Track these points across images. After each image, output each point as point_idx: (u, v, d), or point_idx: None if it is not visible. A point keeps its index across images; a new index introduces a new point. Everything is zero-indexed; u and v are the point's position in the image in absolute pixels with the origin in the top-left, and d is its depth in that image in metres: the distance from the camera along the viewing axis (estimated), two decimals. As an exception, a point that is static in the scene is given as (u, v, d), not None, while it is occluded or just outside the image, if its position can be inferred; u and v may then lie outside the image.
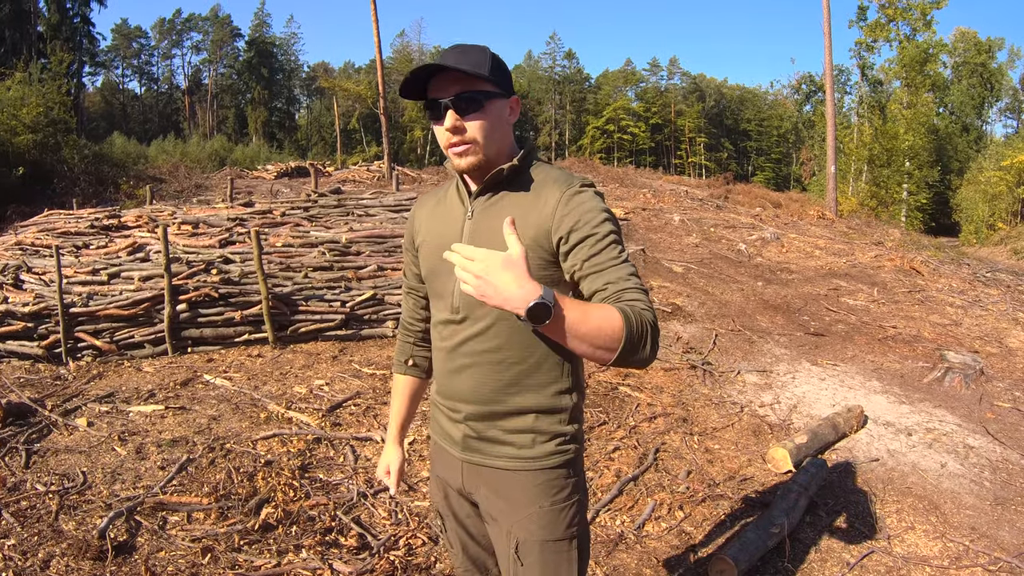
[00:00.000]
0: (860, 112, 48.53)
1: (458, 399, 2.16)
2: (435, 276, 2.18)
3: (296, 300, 8.73)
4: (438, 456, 2.36)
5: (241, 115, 77.97)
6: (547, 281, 1.92)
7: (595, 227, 1.93)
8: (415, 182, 27.93)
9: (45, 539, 4.09)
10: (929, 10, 42.93)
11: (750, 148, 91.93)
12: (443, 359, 2.19)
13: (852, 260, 16.26)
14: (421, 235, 2.26)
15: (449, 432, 2.24)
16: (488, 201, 2.08)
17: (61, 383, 7.14)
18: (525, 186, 2.06)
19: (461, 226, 2.11)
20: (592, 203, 1.97)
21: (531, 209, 2.00)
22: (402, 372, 2.56)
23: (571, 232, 1.93)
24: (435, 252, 2.11)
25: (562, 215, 1.95)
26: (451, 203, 2.20)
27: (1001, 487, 5.48)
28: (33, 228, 11.99)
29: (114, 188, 27.06)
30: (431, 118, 2.05)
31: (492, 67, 2.00)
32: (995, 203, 41.60)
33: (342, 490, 4.93)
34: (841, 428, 6.25)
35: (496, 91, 2.01)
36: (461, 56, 1.99)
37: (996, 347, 9.63)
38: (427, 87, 2.03)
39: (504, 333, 2.05)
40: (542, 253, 1.98)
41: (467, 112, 1.97)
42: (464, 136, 1.99)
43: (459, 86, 1.96)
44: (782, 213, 27.23)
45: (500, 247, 1.81)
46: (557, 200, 1.97)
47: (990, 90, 64.15)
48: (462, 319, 2.10)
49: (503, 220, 1.83)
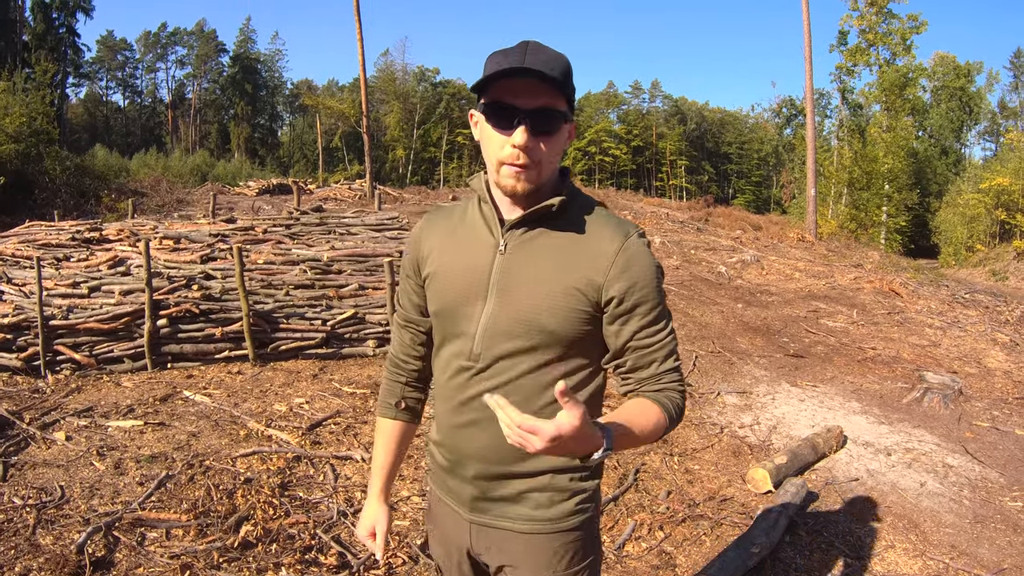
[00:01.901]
0: (840, 135, 48.86)
1: (466, 456, 1.92)
2: (450, 315, 1.90)
3: (277, 318, 8.71)
4: (440, 511, 2.09)
5: (224, 130, 77.73)
6: (582, 338, 1.81)
7: (649, 293, 1.78)
8: (396, 201, 27.94)
9: (22, 553, 4.05)
10: (909, 35, 43.43)
11: (730, 171, 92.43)
12: (451, 410, 1.93)
13: (832, 282, 16.36)
14: (432, 264, 1.95)
15: (453, 489, 1.99)
16: (524, 236, 1.82)
17: (39, 396, 7.08)
18: (571, 225, 1.82)
19: (491, 262, 1.83)
20: (647, 260, 1.79)
21: (578, 255, 1.78)
22: (391, 416, 2.19)
23: (625, 295, 1.76)
24: (452, 287, 1.88)
25: (619, 272, 1.76)
26: (475, 230, 1.90)
27: (980, 505, 5.52)
28: (13, 239, 11.89)
29: (95, 201, 26.92)
30: (493, 123, 1.74)
31: (570, 81, 1.75)
32: (973, 225, 41.98)
33: (322, 508, 4.91)
34: (821, 448, 6.28)
35: (567, 113, 1.76)
36: (548, 61, 1.68)
37: (975, 368, 9.71)
38: (492, 82, 1.71)
39: (529, 387, 1.81)
40: (585, 306, 1.77)
41: (542, 132, 1.71)
42: (532, 157, 1.72)
43: (544, 99, 1.70)
44: (762, 236, 27.37)
45: (533, 292, 1.76)
46: (614, 253, 1.77)
47: (968, 113, 64.81)
48: (482, 368, 1.84)
49: (541, 262, 1.77)
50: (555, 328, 1.77)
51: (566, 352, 1.81)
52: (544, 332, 1.78)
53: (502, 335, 1.80)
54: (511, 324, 1.79)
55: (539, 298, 1.77)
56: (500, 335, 1.81)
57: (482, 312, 1.83)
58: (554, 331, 1.77)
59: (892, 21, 43.88)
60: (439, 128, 70.01)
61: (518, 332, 1.79)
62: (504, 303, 1.80)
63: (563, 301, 1.76)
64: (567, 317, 1.77)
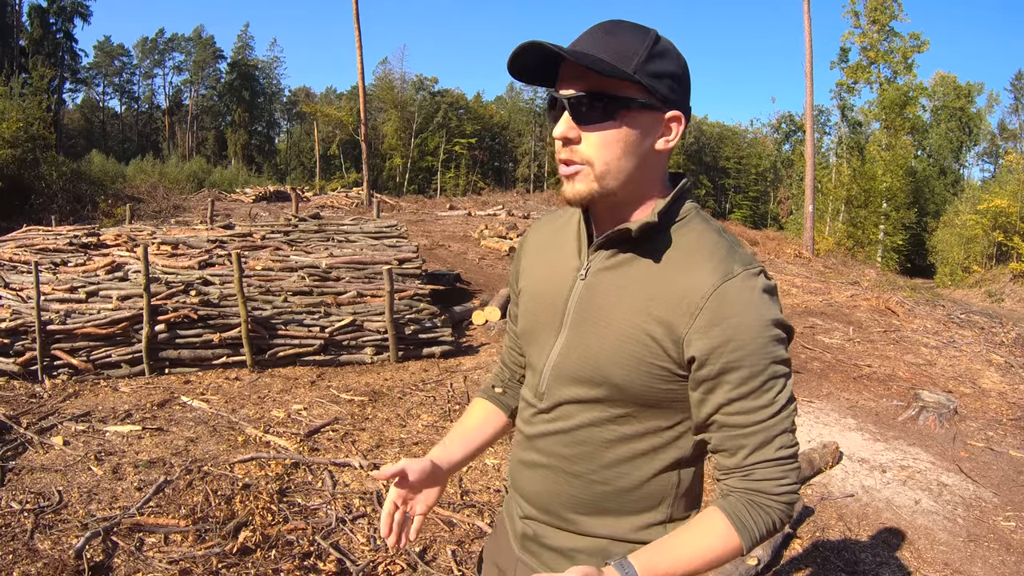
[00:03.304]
0: (839, 153, 48.91)
1: (521, 495, 1.69)
2: (529, 338, 1.68)
3: (275, 324, 8.72)
4: (500, 534, 1.84)
5: (221, 137, 77.65)
6: (662, 399, 1.46)
7: (748, 355, 1.36)
8: (393, 209, 27.99)
9: (20, 558, 4.04)
10: (910, 54, 43.48)
11: (728, 185, 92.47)
12: (519, 443, 1.72)
13: (828, 299, 16.38)
14: (526, 278, 1.72)
15: (512, 519, 1.75)
16: (610, 260, 1.50)
17: (37, 401, 7.08)
18: (662, 251, 1.45)
19: (571, 286, 1.56)
20: (753, 310, 1.36)
21: (663, 293, 1.42)
22: (485, 396, 1.93)
23: (711, 355, 1.37)
24: (533, 310, 1.65)
25: (707, 324, 1.36)
26: (566, 245, 1.62)
27: (974, 524, 5.54)
28: (11, 244, 11.90)
29: (92, 206, 26.92)
30: (550, 117, 1.47)
31: (647, 61, 1.37)
32: (970, 246, 42.02)
33: (320, 515, 4.91)
34: (817, 464, 6.30)
35: (643, 99, 1.38)
36: (604, 38, 1.38)
37: (970, 387, 9.73)
38: (557, 71, 1.44)
39: (593, 442, 1.53)
40: (663, 361, 1.42)
41: (588, 121, 1.39)
42: (575, 153, 1.41)
43: (585, 82, 1.38)
44: (759, 251, 27.43)
45: (605, 333, 1.46)
46: (705, 296, 1.37)
47: (968, 134, 64.92)
48: (545, 409, 1.59)
49: (620, 296, 1.46)
50: (621, 382, 1.46)
51: (642, 410, 1.49)
52: (609, 384, 1.47)
53: (567, 378, 1.54)
54: (578, 367, 1.51)
55: (610, 343, 1.46)
56: (565, 378, 1.54)
57: (553, 346, 1.58)
58: (620, 385, 1.46)
59: (894, 39, 43.93)
60: (437, 137, 69.90)
61: (584, 378, 1.51)
62: (576, 340, 1.52)
63: (636, 351, 1.43)
64: (639, 371, 1.44)
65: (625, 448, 1.52)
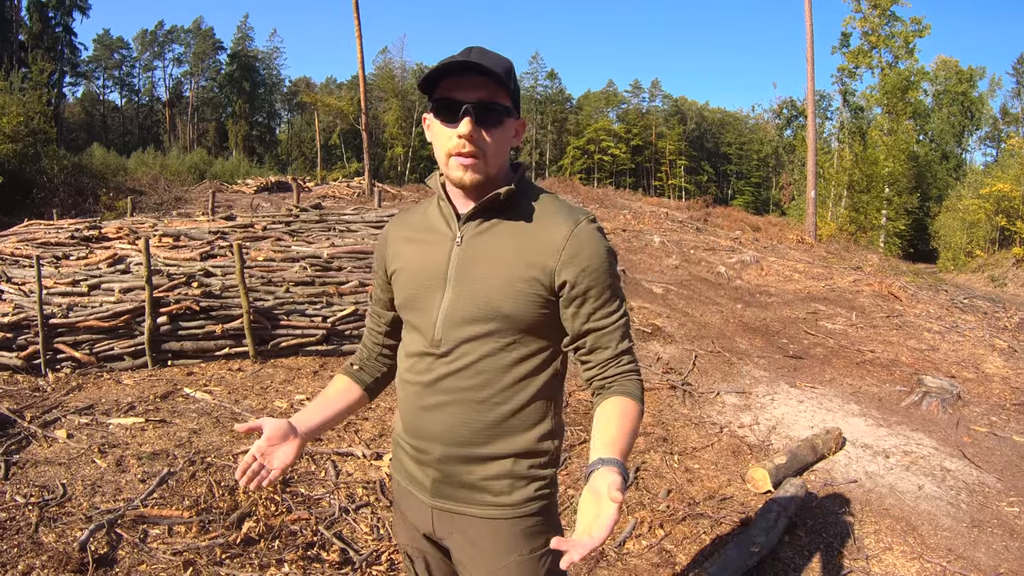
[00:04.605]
0: (841, 138, 48.89)
1: (429, 439, 1.98)
2: (413, 306, 2.01)
3: (277, 314, 8.71)
4: (404, 499, 2.16)
5: (222, 128, 77.67)
6: (539, 322, 1.92)
7: (601, 276, 1.88)
8: (395, 199, 27.93)
9: (25, 551, 4.05)
10: (912, 38, 43.38)
11: (730, 171, 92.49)
12: (414, 395, 2.01)
13: (831, 284, 16.38)
14: (397, 261, 2.08)
15: (416, 476, 2.07)
16: (480, 227, 1.93)
17: (40, 394, 7.08)
18: (523, 215, 1.93)
19: (448, 253, 1.95)
20: (597, 245, 1.89)
21: (531, 242, 1.89)
22: (343, 373, 2.30)
23: (577, 279, 1.87)
24: (414, 280, 2.00)
25: (570, 256, 1.86)
26: (434, 226, 2.02)
27: (978, 510, 5.54)
28: (12, 238, 11.91)
29: (93, 199, 26.95)
30: (440, 118, 1.86)
31: (513, 79, 1.89)
32: (973, 230, 41.92)
33: (324, 505, 4.92)
34: (820, 449, 6.30)
35: (511, 108, 1.89)
36: (495, 59, 1.84)
37: (973, 372, 9.74)
38: (439, 82, 1.86)
39: (490, 370, 1.91)
40: (540, 291, 1.87)
41: (486, 123, 1.83)
42: (477, 147, 1.83)
43: (484, 92, 1.82)
44: (761, 237, 27.42)
45: (490, 279, 1.88)
46: (564, 238, 1.87)
47: (970, 118, 64.74)
48: (443, 353, 1.93)
49: (496, 250, 1.89)
50: (511, 312, 1.88)
51: (524, 336, 1.92)
52: (501, 316, 1.88)
53: (461, 321, 1.91)
54: (470, 310, 1.90)
55: (496, 284, 1.88)
56: (459, 321, 1.91)
57: (442, 300, 1.93)
58: (511, 315, 1.88)
59: (895, 24, 43.86)
60: (438, 126, 69.87)
61: (477, 317, 1.89)
62: (462, 291, 1.91)
63: (519, 287, 1.87)
64: (523, 302, 1.87)
65: (518, 369, 1.92)
